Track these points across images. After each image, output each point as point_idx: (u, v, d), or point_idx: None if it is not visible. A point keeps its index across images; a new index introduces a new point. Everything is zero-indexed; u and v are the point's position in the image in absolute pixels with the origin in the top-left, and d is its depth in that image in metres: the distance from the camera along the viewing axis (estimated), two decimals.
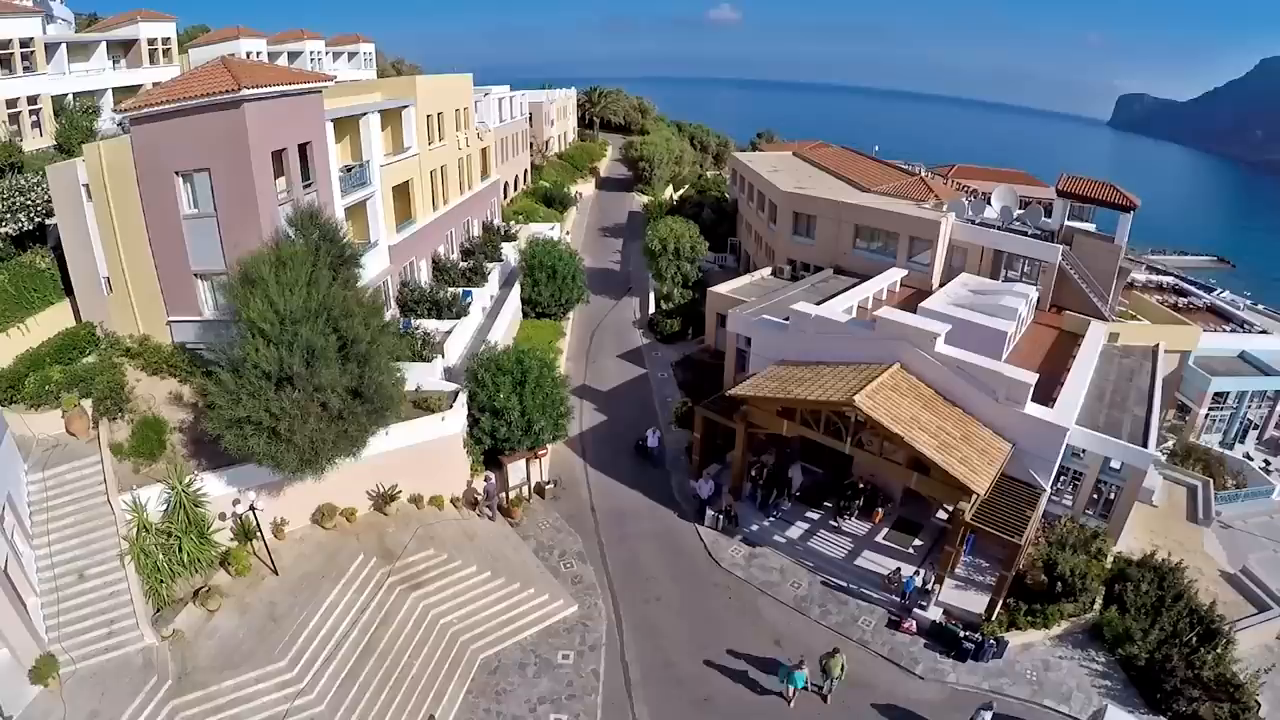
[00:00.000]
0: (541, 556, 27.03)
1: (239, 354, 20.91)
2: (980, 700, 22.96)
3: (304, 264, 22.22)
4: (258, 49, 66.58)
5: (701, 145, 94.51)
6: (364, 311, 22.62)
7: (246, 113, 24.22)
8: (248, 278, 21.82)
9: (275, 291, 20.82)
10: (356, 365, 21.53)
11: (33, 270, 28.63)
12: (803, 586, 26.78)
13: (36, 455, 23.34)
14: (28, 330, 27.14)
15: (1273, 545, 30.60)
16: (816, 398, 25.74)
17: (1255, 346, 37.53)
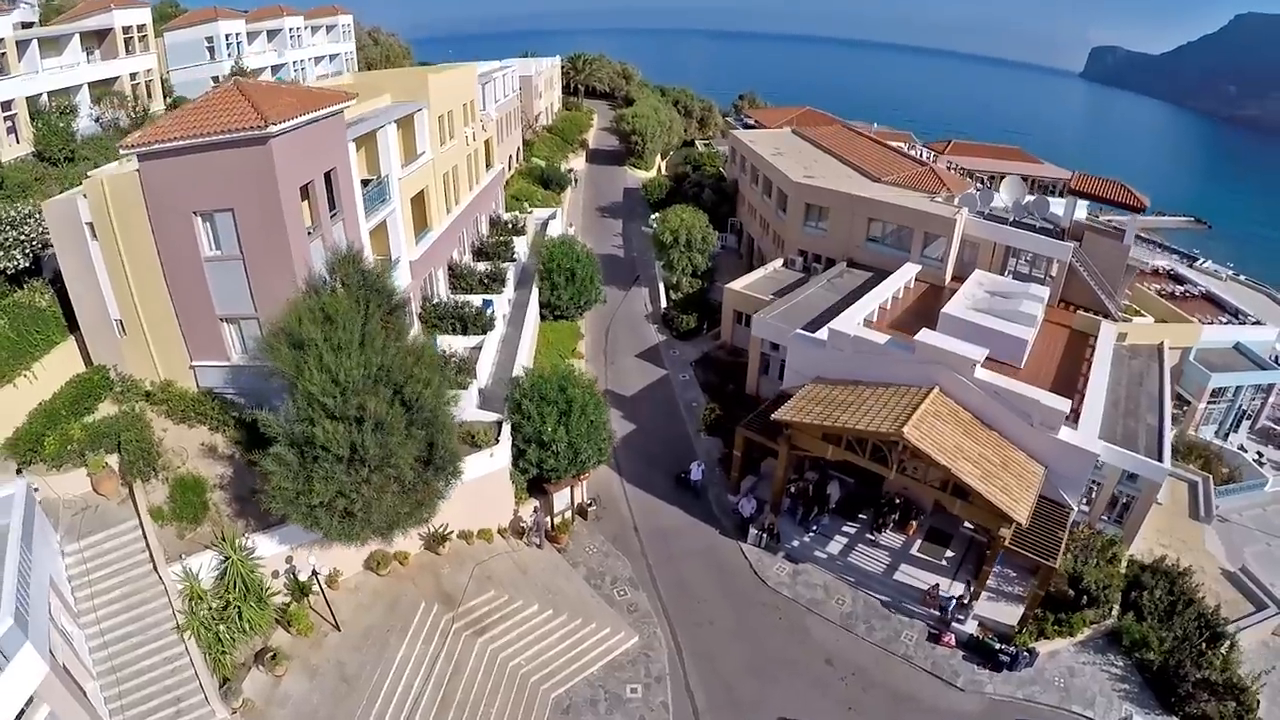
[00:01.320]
0: (594, 584, 27.81)
1: (300, 430, 20.39)
2: (1017, 710, 24.96)
3: (353, 320, 21.64)
4: (236, 30, 63.58)
5: (686, 110, 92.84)
6: (424, 370, 22.26)
7: (274, 149, 22.75)
8: (296, 341, 21.15)
9: (331, 358, 20.23)
10: (423, 430, 21.36)
11: (33, 310, 27.12)
12: (847, 603, 28.13)
13: (66, 521, 22.59)
14: (35, 378, 25.90)
15: (1266, 539, 32.86)
16: (864, 426, 26.52)
17: (1249, 338, 39.28)
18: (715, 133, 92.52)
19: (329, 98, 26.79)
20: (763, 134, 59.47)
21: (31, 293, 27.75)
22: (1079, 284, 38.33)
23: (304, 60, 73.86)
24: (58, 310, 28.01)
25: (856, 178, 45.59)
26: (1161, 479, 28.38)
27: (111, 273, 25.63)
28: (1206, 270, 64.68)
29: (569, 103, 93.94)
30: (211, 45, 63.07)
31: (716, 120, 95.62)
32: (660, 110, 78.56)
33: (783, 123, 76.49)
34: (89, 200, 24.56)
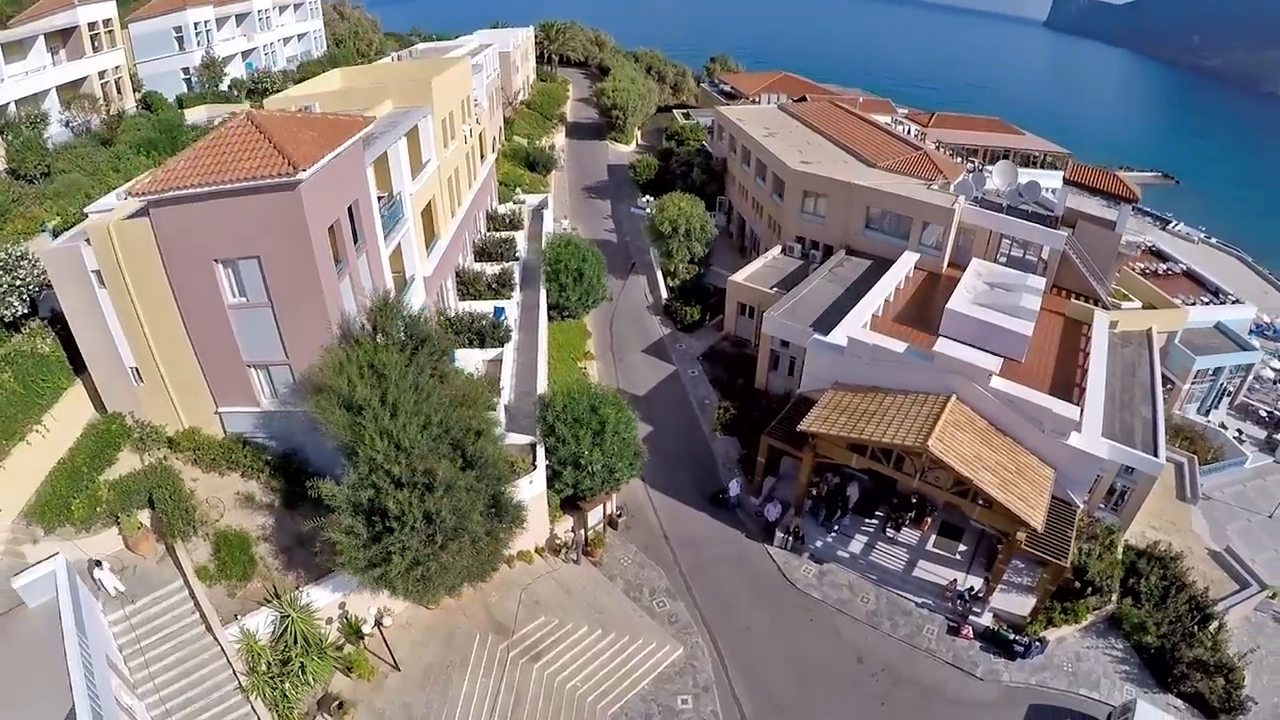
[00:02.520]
0: (634, 598, 28.93)
1: (365, 497, 20.48)
2: (1031, 696, 27.07)
3: (404, 375, 21.66)
4: (205, 17, 60.92)
5: (659, 76, 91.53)
6: (477, 418, 22.51)
7: (303, 195, 21.89)
8: (348, 402, 21.11)
9: (391, 422, 20.39)
10: (484, 484, 21.75)
11: (36, 358, 26.19)
12: (871, 600, 29.79)
13: (87, 566, 22.31)
14: (48, 432, 25.26)
15: (1247, 515, 35.44)
16: (889, 439, 27.70)
17: (1229, 317, 41.40)
18: (689, 97, 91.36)
19: (348, 127, 26.04)
20: (749, 111, 59.02)
21: (31, 337, 26.75)
22: (1071, 270, 39.71)
23: (273, 43, 70.97)
24: (61, 354, 27.21)
25: (852, 163, 45.94)
26: (1158, 472, 30.22)
27: (124, 321, 24.90)
28: (1179, 233, 67.51)
29: (542, 73, 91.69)
30: (180, 35, 60.86)
31: (690, 86, 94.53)
32: (638, 81, 77.14)
33: (760, 89, 76.02)
34: (94, 247, 23.65)
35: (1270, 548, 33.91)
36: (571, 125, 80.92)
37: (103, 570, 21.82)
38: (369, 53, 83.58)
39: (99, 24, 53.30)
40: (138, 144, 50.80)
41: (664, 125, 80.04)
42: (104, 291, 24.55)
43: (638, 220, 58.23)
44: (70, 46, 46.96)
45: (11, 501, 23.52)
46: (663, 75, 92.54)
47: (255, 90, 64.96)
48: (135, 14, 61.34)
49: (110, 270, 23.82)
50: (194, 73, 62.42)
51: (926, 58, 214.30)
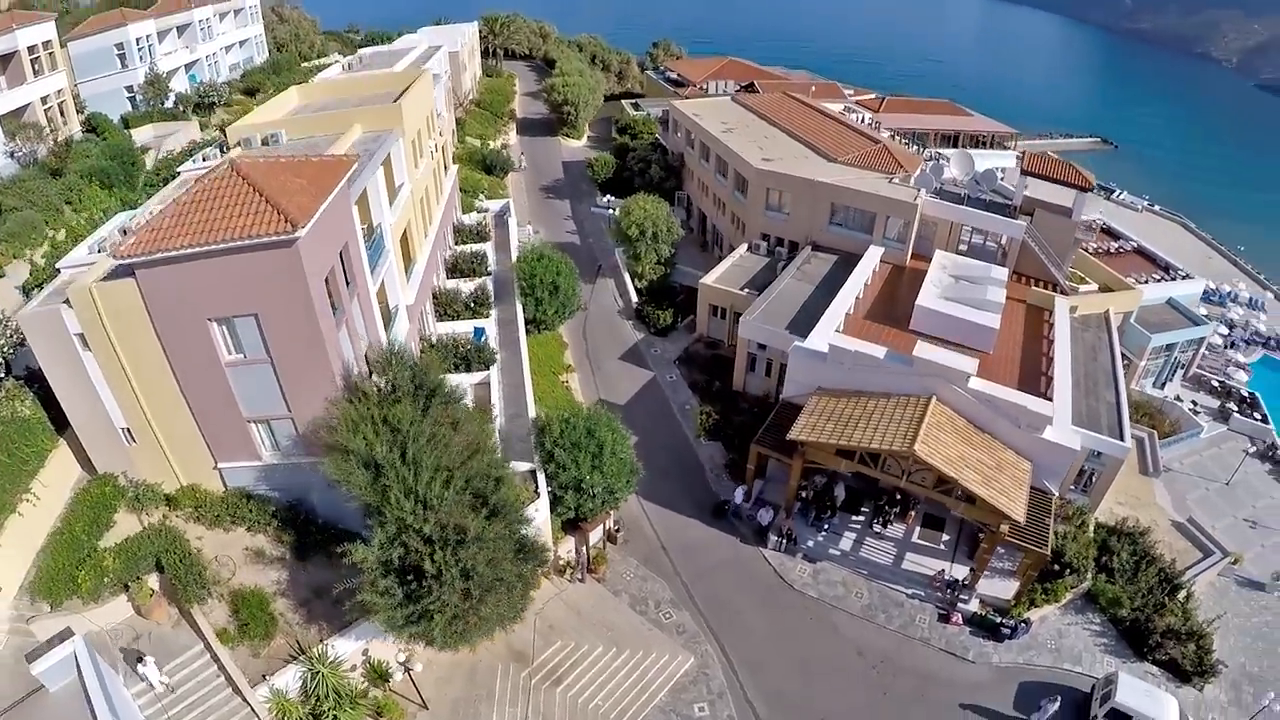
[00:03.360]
0: (640, 611, 29.73)
1: (394, 555, 20.66)
2: (1020, 674, 28.76)
3: (420, 429, 21.83)
4: (147, 32, 58.80)
5: (604, 64, 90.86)
6: (494, 465, 22.80)
7: (301, 250, 21.46)
8: (366, 461, 21.24)
9: (415, 480, 20.60)
10: (506, 527, 22.19)
11: (17, 422, 25.52)
12: (865, 595, 31.11)
13: (123, 658, 22.14)
14: (38, 499, 24.80)
15: (1205, 484, 37.72)
16: (876, 444, 28.82)
17: (1180, 293, 43.62)
18: (634, 84, 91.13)
19: (335, 169, 25.52)
20: (704, 104, 59.24)
21: (9, 399, 26.05)
22: (1030, 256, 41.32)
23: (216, 52, 68.85)
24: (42, 415, 26.58)
25: (813, 158, 46.76)
26: (1124, 455, 32.09)
27: (113, 383, 24.33)
28: (1123, 202, 70.16)
29: (487, 68, 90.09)
30: (122, 52, 58.61)
31: (635, 73, 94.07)
32: (585, 73, 76.44)
33: (707, 76, 76.21)
34: (76, 310, 23.02)
35: (1229, 514, 36.26)
36: (522, 122, 79.91)
37: (147, 666, 21.42)
38: (311, 55, 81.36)
39: (38, 47, 51.13)
40: (89, 173, 49.11)
41: (613, 115, 79.86)
42: (89, 354, 23.91)
43: (599, 220, 58.21)
44: (10, 73, 45.12)
45: (10, 577, 23.13)
46: (607, 64, 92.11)
47: (202, 104, 63.07)
48: (74, 33, 58.82)
49: (95, 333, 23.22)
50: (138, 90, 60.28)
51: (861, 30, 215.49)
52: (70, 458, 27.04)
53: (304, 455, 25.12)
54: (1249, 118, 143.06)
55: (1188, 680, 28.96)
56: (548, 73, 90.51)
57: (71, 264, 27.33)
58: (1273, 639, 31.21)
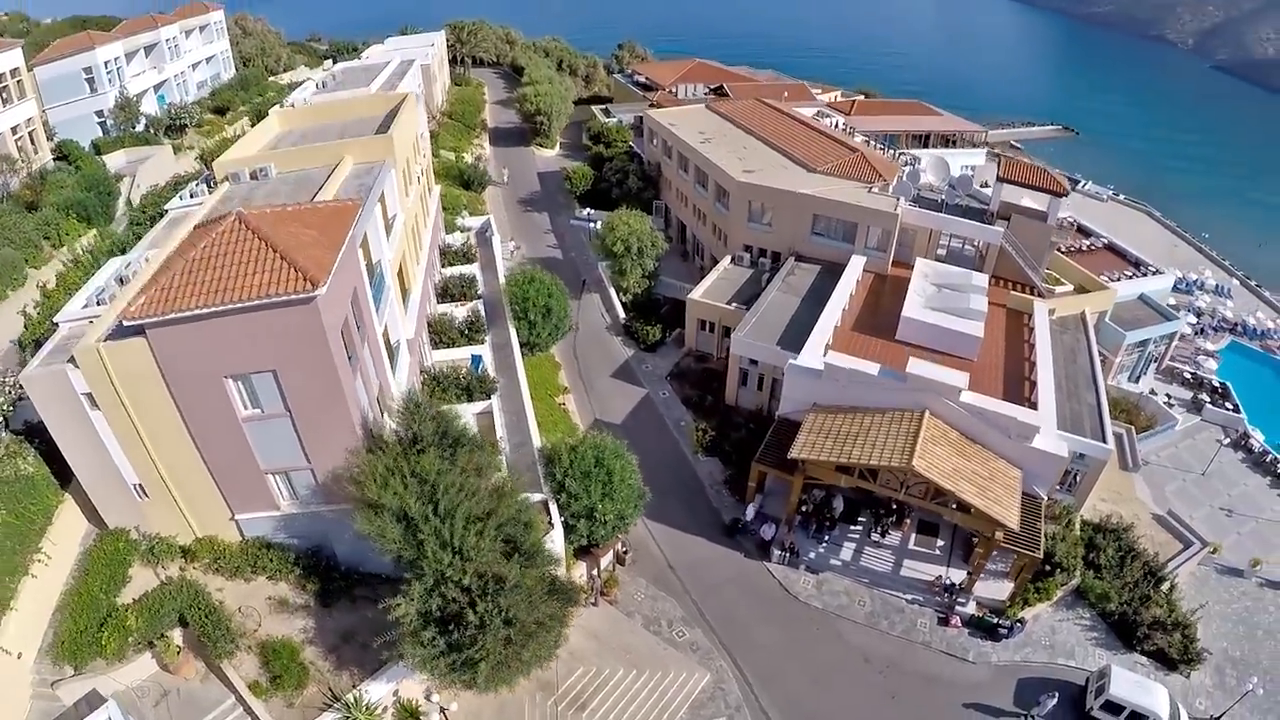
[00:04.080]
0: (654, 631, 30.54)
1: (434, 606, 21.13)
2: (1018, 671, 30.13)
3: (451, 482, 22.23)
4: (115, 55, 57.87)
5: (571, 69, 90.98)
6: (521, 509, 23.28)
7: (320, 307, 21.58)
8: (399, 514, 21.63)
9: (447, 532, 21.04)
10: (540, 570, 22.74)
11: (22, 482, 25.55)
12: (867, 603, 32.25)
13: (150, 715, 22.28)
14: (49, 559, 24.85)
15: (1181, 475, 39.41)
16: (875, 461, 29.85)
17: (1151, 288, 45.32)
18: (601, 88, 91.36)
19: (343, 216, 25.56)
20: (678, 114, 59.57)
21: (12, 457, 25.93)
22: (1007, 260, 42.62)
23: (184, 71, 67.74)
24: (45, 470, 26.54)
25: (793, 168, 47.53)
26: (1107, 457, 33.52)
27: (124, 441, 24.35)
28: (1088, 193, 72.05)
29: (454, 75, 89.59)
30: (91, 77, 57.53)
31: (601, 76, 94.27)
32: (555, 81, 76.38)
33: (675, 80, 76.66)
34: (83, 370, 22.98)
35: (1206, 504, 37.99)
36: (494, 132, 79.57)
37: None
38: (278, 69, 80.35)
39: (6, 75, 50.29)
40: (66, 205, 48.31)
41: (583, 119, 79.69)
42: (97, 412, 23.85)
43: (579, 232, 58.42)
44: None
45: (29, 640, 23.22)
46: (574, 68, 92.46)
47: (173, 126, 62.16)
48: (39, 57, 57.73)
49: (104, 392, 23.18)
50: (109, 115, 59.25)
51: (818, 24, 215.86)
52: (76, 511, 27.03)
53: (323, 504, 25.43)
54: (1206, 100, 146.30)
55: (1175, 668, 30.51)
56: (516, 79, 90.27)
57: (70, 318, 27.33)
58: (1252, 623, 32.89)
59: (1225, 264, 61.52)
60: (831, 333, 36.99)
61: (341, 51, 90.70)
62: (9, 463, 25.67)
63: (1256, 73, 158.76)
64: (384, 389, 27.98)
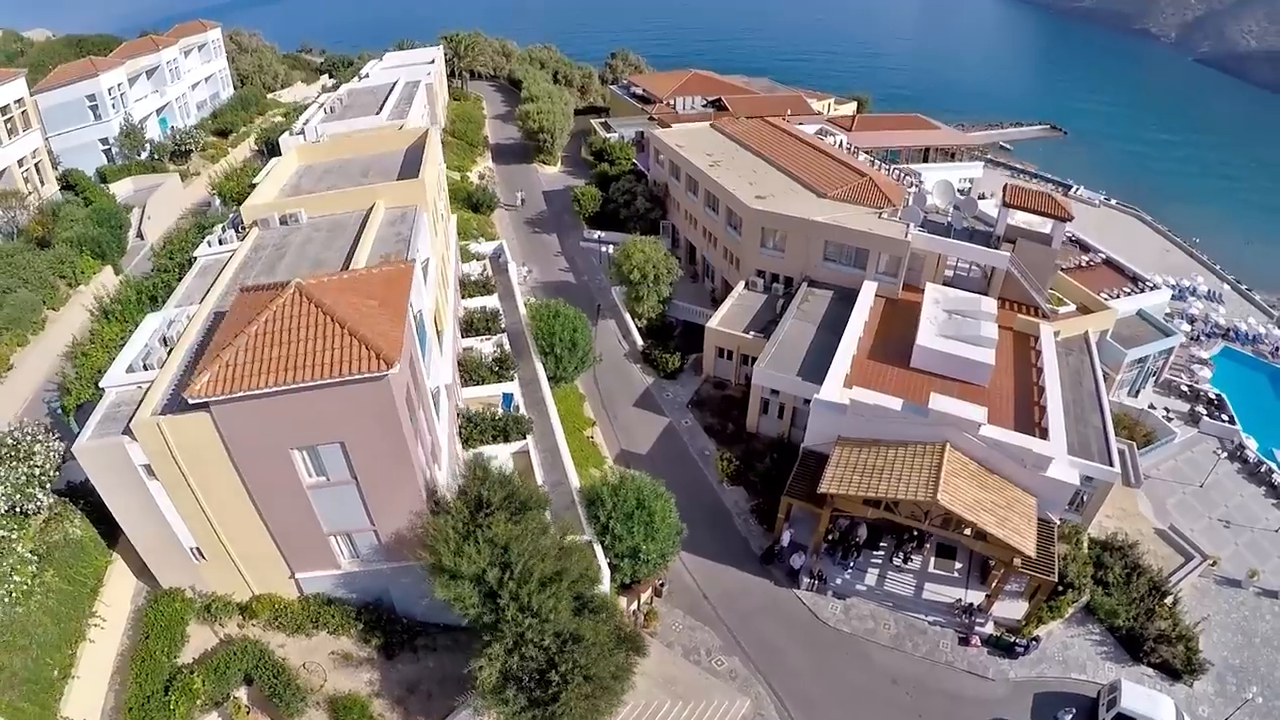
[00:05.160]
0: (694, 660, 32.08)
1: (514, 665, 22.27)
2: (1035, 686, 32.01)
3: (524, 547, 23.15)
4: (118, 81, 57.68)
5: (566, 80, 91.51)
6: (591, 567, 24.48)
7: (392, 382, 22.30)
8: (477, 578, 22.78)
9: (524, 593, 22.22)
10: (611, 625, 24.01)
11: (72, 546, 25.91)
12: (892, 626, 33.97)
13: None
14: (104, 622, 25.34)
15: (1181, 488, 41.40)
16: (901, 495, 31.44)
17: (1149, 304, 47.15)
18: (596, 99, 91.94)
19: (400, 281, 26.03)
20: (685, 134, 60.41)
21: (60, 521, 26.28)
22: (1012, 283, 44.23)
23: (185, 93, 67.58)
24: (93, 531, 26.88)
25: (803, 193, 48.74)
26: (1114, 480, 35.34)
27: (182, 509, 24.71)
28: (1080, 198, 73.81)
29: (452, 89, 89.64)
30: (95, 104, 57.17)
31: (596, 87, 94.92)
32: (555, 97, 76.73)
33: (673, 92, 77.33)
34: (142, 443, 23.24)
35: (1204, 516, 40.04)
36: (495, 148, 79.67)
37: None
38: (275, 86, 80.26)
39: (10, 106, 49.83)
40: (80, 242, 48.06)
41: (581, 129, 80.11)
42: (155, 482, 24.14)
43: (590, 254, 59.26)
44: None
45: (91, 707, 23.64)
46: (569, 79, 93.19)
47: (179, 152, 62.28)
48: (42, 84, 57.34)
49: (164, 465, 23.47)
50: (114, 142, 59.15)
51: (806, 25, 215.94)
52: (124, 569, 27.37)
53: (384, 561, 26.47)
54: (1190, 95, 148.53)
55: (1179, 678, 32.45)
56: (513, 92, 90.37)
57: (116, 384, 26.82)
58: (1250, 632, 34.98)
59: (1216, 268, 63.63)
60: (849, 362, 38.41)
61: (336, 66, 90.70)
62: (57, 526, 25.95)
63: (1238, 66, 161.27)
64: (435, 441, 29.03)
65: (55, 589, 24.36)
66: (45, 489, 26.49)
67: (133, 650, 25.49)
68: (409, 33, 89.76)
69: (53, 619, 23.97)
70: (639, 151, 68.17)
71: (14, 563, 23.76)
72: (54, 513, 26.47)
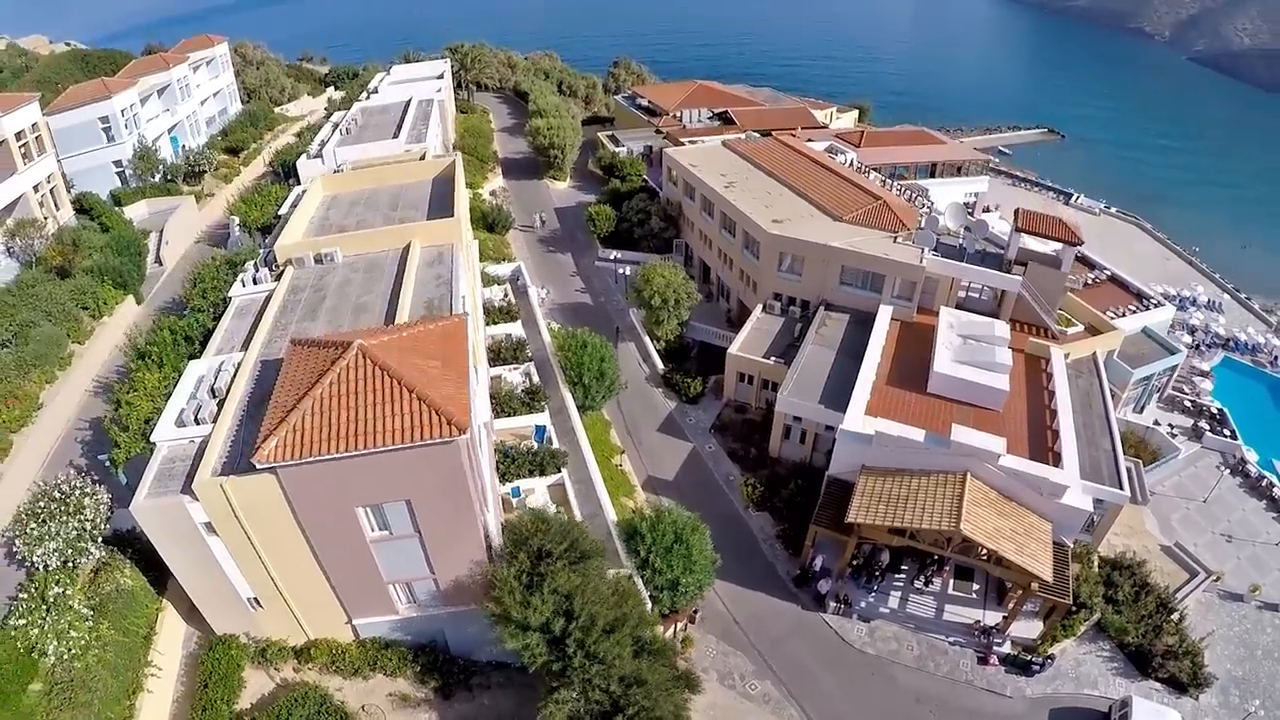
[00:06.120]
0: (729, 685, 33.59)
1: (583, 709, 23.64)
2: (1050, 702, 33.72)
3: (589, 597, 24.39)
4: (131, 102, 57.64)
5: (570, 90, 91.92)
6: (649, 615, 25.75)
7: (461, 446, 23.12)
8: (546, 629, 23.95)
9: (590, 641, 23.53)
10: (669, 667, 25.40)
11: (124, 595, 26.62)
12: (914, 647, 35.59)
13: None
14: (160, 670, 26.08)
15: (1185, 504, 43.11)
16: (925, 524, 32.94)
17: (1153, 321, 48.66)
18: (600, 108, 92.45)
19: (455, 338, 26.79)
20: (698, 153, 61.22)
21: (111, 572, 26.93)
22: (1023, 304, 45.60)
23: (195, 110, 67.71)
24: (143, 580, 27.58)
25: (819, 217, 49.75)
26: (1124, 503, 36.94)
27: (242, 563, 25.43)
28: (1081, 207, 75.20)
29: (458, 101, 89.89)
30: (108, 126, 57.14)
31: (600, 96, 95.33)
32: (563, 111, 77.10)
33: (679, 104, 77.98)
34: (204, 503, 23.88)
35: (1208, 530, 41.82)
36: (504, 163, 79.80)
37: None
38: (282, 100, 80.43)
39: (25, 131, 49.49)
40: (101, 272, 48.30)
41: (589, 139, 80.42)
42: (214, 538, 24.87)
43: (605, 274, 59.99)
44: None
45: None
46: (573, 89, 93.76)
47: (193, 173, 62.64)
48: (53, 106, 57.27)
49: (226, 523, 24.13)
50: (128, 165, 59.29)
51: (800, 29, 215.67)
52: (173, 613, 28.24)
53: (441, 607, 27.68)
54: (1185, 95, 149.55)
55: (1185, 691, 34.23)
56: (519, 104, 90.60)
57: (167, 439, 27.16)
58: (1252, 644, 36.80)
59: (1216, 277, 65.17)
60: (870, 389, 39.73)
61: (341, 77, 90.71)
62: (109, 577, 26.61)
63: (1233, 64, 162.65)
64: (484, 484, 30.11)
65: (111, 641, 25.09)
66: (96, 541, 27.25)
67: (192, 698, 26.37)
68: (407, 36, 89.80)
69: (110, 672, 24.69)
70: (649, 166, 68.87)
71: (71, 619, 24.47)
72: (103, 563, 27.14)
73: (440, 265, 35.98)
